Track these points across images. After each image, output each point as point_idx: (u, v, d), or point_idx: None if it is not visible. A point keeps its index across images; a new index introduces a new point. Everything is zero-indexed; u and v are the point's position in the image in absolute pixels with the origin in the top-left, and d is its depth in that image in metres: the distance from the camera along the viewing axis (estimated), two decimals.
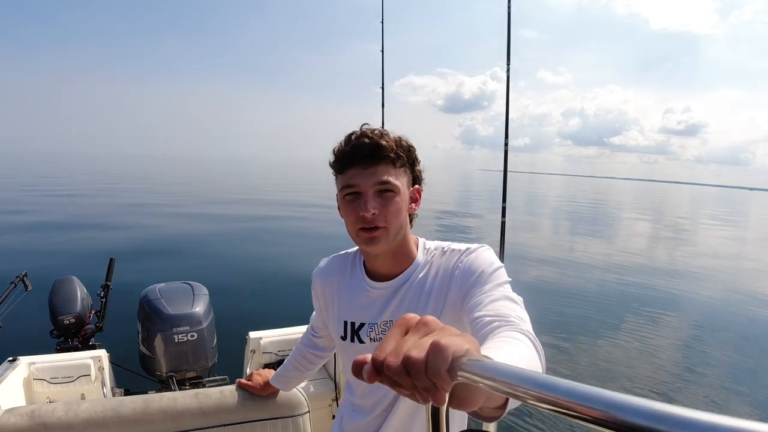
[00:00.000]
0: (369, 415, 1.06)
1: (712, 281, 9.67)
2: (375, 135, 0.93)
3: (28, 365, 1.89)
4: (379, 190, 0.93)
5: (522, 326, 0.75)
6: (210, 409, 1.36)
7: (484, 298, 0.84)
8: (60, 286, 2.69)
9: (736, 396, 4.38)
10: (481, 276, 0.91)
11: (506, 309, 0.80)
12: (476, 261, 0.94)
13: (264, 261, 9.19)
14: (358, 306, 1.04)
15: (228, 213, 16.50)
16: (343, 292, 1.07)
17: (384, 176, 0.93)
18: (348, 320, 1.05)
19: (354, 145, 0.93)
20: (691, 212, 32.99)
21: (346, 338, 1.05)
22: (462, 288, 0.92)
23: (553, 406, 0.32)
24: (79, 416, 1.26)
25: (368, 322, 1.02)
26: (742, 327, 6.58)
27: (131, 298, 2.49)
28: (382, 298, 1.01)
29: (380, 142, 0.92)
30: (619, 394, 0.29)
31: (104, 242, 10.24)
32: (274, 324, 2.35)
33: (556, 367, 4.72)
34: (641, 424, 0.27)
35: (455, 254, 0.98)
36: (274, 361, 2.19)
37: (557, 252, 12.43)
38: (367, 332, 1.02)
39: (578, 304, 7.07)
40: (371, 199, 0.92)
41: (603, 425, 0.29)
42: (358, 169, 0.93)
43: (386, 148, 0.92)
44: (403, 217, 0.96)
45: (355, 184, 0.93)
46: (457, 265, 0.95)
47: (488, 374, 0.37)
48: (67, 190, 23.85)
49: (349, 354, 1.08)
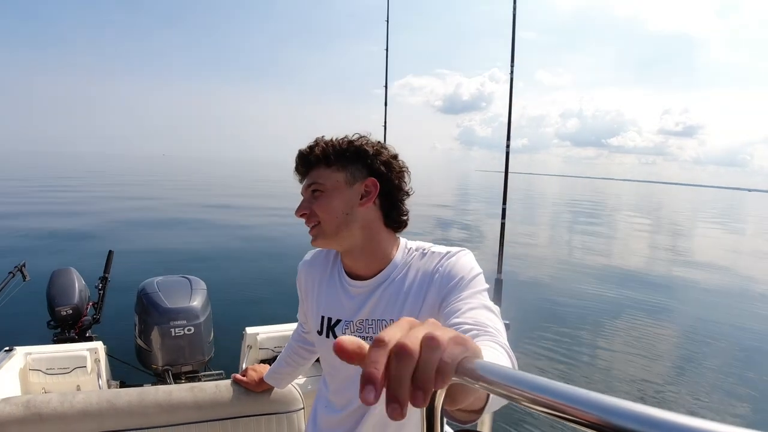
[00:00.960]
0: (342, 411, 1.07)
1: (708, 284, 9.67)
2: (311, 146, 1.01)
3: (24, 355, 1.89)
4: (311, 190, 1.00)
5: (499, 338, 0.75)
6: (205, 402, 1.36)
7: (462, 306, 0.85)
8: (58, 277, 2.69)
9: (729, 401, 4.39)
10: (460, 282, 0.91)
11: (484, 318, 0.81)
12: (456, 266, 0.94)
13: (262, 257, 9.20)
14: (336, 302, 1.05)
15: (227, 211, 16.50)
16: (323, 286, 1.08)
17: (312, 179, 1.00)
18: (325, 315, 1.06)
19: (296, 158, 1.03)
20: (690, 215, 33.00)
21: (322, 333, 1.06)
22: (440, 292, 0.92)
23: (548, 409, 0.32)
24: (74, 407, 1.27)
25: (344, 319, 1.03)
26: (737, 332, 6.59)
27: (129, 290, 2.49)
28: (359, 297, 1.02)
29: (304, 151, 1.01)
30: (615, 398, 0.29)
31: (103, 234, 10.24)
32: (271, 320, 2.35)
33: (551, 370, 4.73)
34: (636, 428, 0.27)
35: (435, 257, 0.98)
36: (270, 357, 2.19)
37: (554, 253, 12.43)
38: (342, 329, 1.03)
39: (574, 306, 7.08)
40: (303, 201, 1.01)
41: (598, 429, 0.29)
42: (301, 179, 1.04)
43: (313, 154, 0.99)
44: (334, 212, 0.97)
45: (301, 193, 1.03)
46: (437, 269, 0.95)
47: (484, 375, 0.37)
48: (68, 189, 23.84)
49: (324, 349, 1.08)
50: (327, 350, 1.08)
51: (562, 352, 5.22)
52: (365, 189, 0.99)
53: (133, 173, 40.42)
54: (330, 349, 1.04)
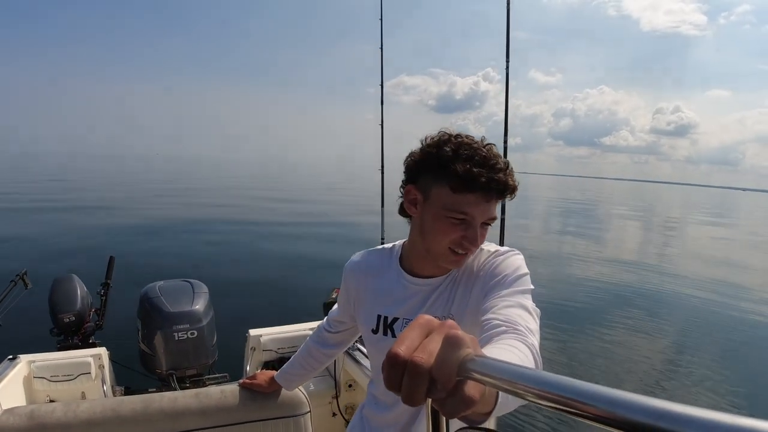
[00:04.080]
0: (392, 410, 1.06)
1: (708, 281, 9.68)
2: (507, 171, 0.88)
3: (28, 363, 1.89)
4: (484, 223, 0.92)
5: (528, 338, 0.74)
6: (210, 409, 1.35)
7: (499, 302, 0.84)
8: (60, 284, 2.69)
9: (732, 392, 4.40)
10: (503, 279, 0.90)
11: (517, 317, 0.79)
12: (502, 264, 0.94)
13: (264, 259, 9.20)
14: (393, 301, 1.03)
15: (227, 211, 16.49)
16: (378, 285, 1.07)
17: (494, 212, 0.92)
18: (382, 314, 1.04)
19: (491, 179, 0.87)
20: (686, 213, 33.00)
21: (378, 331, 1.05)
22: (483, 289, 0.92)
23: (555, 404, 0.32)
24: (78, 417, 1.26)
25: (402, 317, 1.02)
26: (738, 325, 6.60)
27: (131, 296, 2.49)
28: (419, 295, 1.01)
29: (509, 181, 0.89)
30: (621, 391, 0.30)
31: (104, 240, 10.23)
32: (274, 322, 2.35)
33: (553, 365, 4.73)
34: (643, 421, 0.27)
35: (484, 254, 0.98)
36: (274, 359, 2.19)
37: (551, 251, 12.43)
38: (400, 327, 1.02)
39: (575, 301, 7.08)
40: (480, 232, 0.91)
41: (605, 423, 0.29)
42: (478, 199, 0.88)
43: (512, 187, 0.89)
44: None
45: (468, 213, 0.89)
46: (484, 266, 0.95)
47: (491, 372, 0.37)
48: (69, 189, 23.79)
49: (379, 348, 1.06)
50: (381, 349, 1.06)
51: (563, 348, 5.22)
52: None
53: (129, 173, 40.40)
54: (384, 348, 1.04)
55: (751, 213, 43.35)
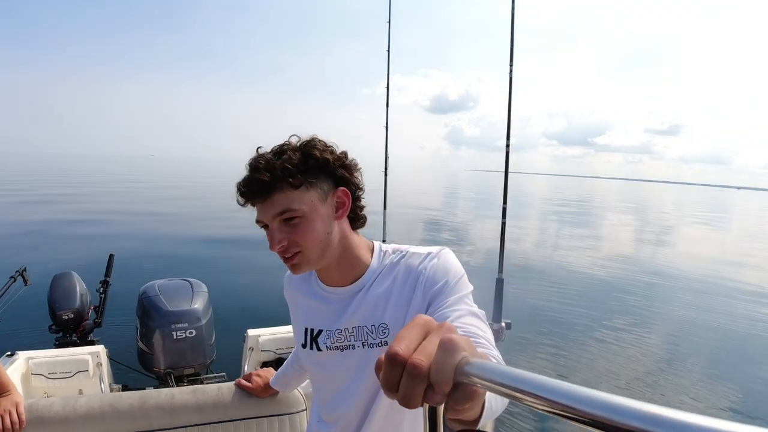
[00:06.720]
0: (334, 426, 1.03)
1: (704, 281, 9.68)
2: (262, 167, 0.87)
3: (26, 360, 1.89)
4: (282, 219, 0.88)
5: (492, 351, 0.74)
6: (207, 405, 1.36)
7: (450, 313, 0.82)
8: (59, 281, 2.69)
9: (726, 398, 4.39)
10: (446, 286, 0.88)
11: (475, 328, 0.79)
12: (441, 267, 0.91)
13: (263, 259, 9.19)
14: (316, 313, 1.01)
15: (227, 211, 16.48)
16: (304, 298, 1.05)
17: (283, 206, 0.87)
18: (308, 327, 1.02)
19: (247, 183, 0.89)
20: (681, 213, 32.98)
21: (306, 345, 1.02)
22: (426, 295, 0.89)
23: (552, 408, 0.32)
24: (76, 411, 1.27)
25: (325, 329, 0.99)
26: (732, 326, 6.59)
27: (130, 294, 2.49)
28: (337, 305, 0.98)
29: (262, 178, 0.86)
30: (617, 396, 0.30)
31: (104, 238, 10.24)
32: (273, 322, 2.35)
33: (549, 369, 4.73)
34: (638, 426, 0.27)
35: (416, 258, 0.94)
36: (272, 359, 2.19)
37: (550, 251, 12.43)
38: (324, 340, 0.99)
39: (570, 304, 7.08)
40: (276, 231, 0.89)
41: (602, 428, 0.29)
42: (258, 204, 0.90)
43: (273, 178, 0.86)
44: (318, 235, 0.90)
45: (260, 219, 0.91)
46: (421, 271, 0.91)
47: (489, 376, 0.37)
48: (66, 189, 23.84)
49: (310, 363, 1.04)
50: (314, 363, 1.03)
51: (560, 352, 5.22)
52: (337, 200, 0.93)
53: (127, 173, 40.45)
54: (316, 363, 1.02)
55: (748, 212, 43.24)
